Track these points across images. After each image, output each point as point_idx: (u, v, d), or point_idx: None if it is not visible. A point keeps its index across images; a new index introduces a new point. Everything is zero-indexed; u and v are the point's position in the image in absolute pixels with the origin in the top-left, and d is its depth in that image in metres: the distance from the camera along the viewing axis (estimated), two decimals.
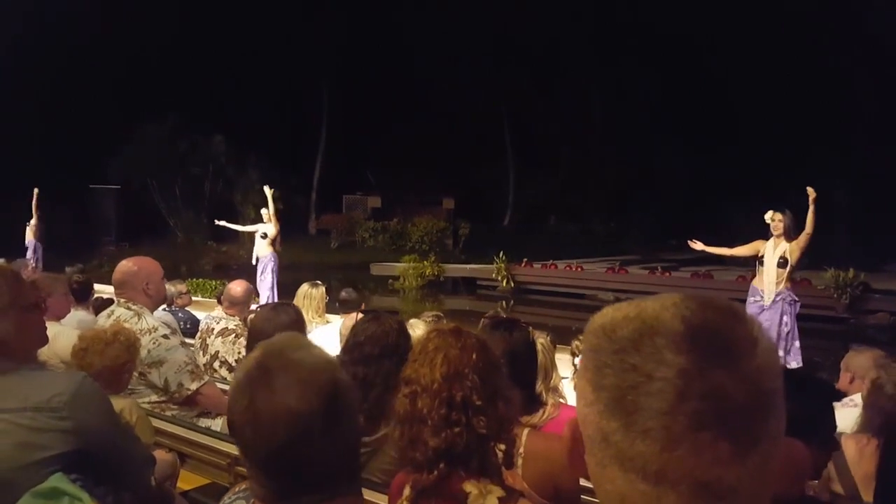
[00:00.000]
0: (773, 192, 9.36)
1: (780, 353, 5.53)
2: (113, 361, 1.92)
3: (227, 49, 17.49)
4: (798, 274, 10.10)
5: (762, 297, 5.82)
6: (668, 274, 12.62)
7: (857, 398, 2.35)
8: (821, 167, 15.10)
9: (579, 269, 13.66)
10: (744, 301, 6.04)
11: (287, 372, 0.87)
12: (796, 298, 5.84)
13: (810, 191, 5.68)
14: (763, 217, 5.83)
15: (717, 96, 17.51)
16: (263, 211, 9.42)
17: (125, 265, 2.51)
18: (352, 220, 19.46)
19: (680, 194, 18.46)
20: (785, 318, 5.69)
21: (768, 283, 5.78)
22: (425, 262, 14.17)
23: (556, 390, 2.46)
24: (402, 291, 13.80)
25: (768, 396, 0.52)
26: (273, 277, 8.99)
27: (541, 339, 2.30)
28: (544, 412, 1.82)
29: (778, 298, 5.72)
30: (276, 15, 18.44)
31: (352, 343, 1.78)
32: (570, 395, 2.87)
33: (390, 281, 14.20)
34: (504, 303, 12.71)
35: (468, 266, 14.92)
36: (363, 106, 19.65)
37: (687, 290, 11.13)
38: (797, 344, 5.79)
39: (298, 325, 2.36)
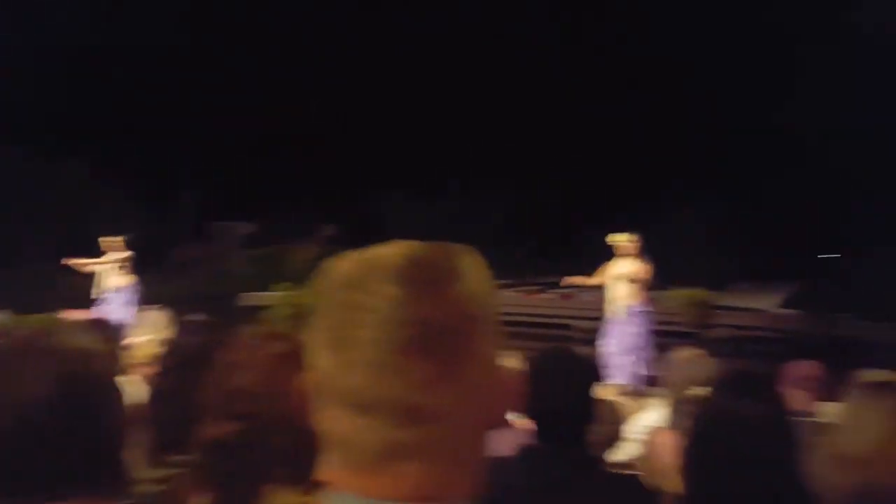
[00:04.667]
0: (630, 217, 9.97)
1: (628, 362, 5.96)
2: None
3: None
4: (651, 293, 10.91)
5: (614, 315, 6.24)
6: (538, 295, 13.12)
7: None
8: (668, 196, 16.45)
9: None
10: (600, 318, 6.45)
11: (25, 358, 0.81)
12: (645, 309, 6.28)
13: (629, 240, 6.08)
14: (614, 239, 6.26)
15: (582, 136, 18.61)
16: (115, 239, 8.83)
17: None
18: (221, 247, 18.65)
19: (555, 223, 19.36)
20: (635, 329, 6.12)
21: (620, 299, 6.20)
22: (302, 292, 13.81)
23: None
24: (273, 322, 13.36)
25: (474, 322, 0.55)
26: (130, 310, 8.43)
27: None
28: None
29: (627, 312, 6.15)
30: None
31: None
32: None
33: (261, 312, 13.70)
34: None
35: None
36: (238, 128, 19.03)
37: (553, 309, 11.76)
38: (649, 354, 6.20)
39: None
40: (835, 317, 9.71)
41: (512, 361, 1.99)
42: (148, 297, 9.58)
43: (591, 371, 1.58)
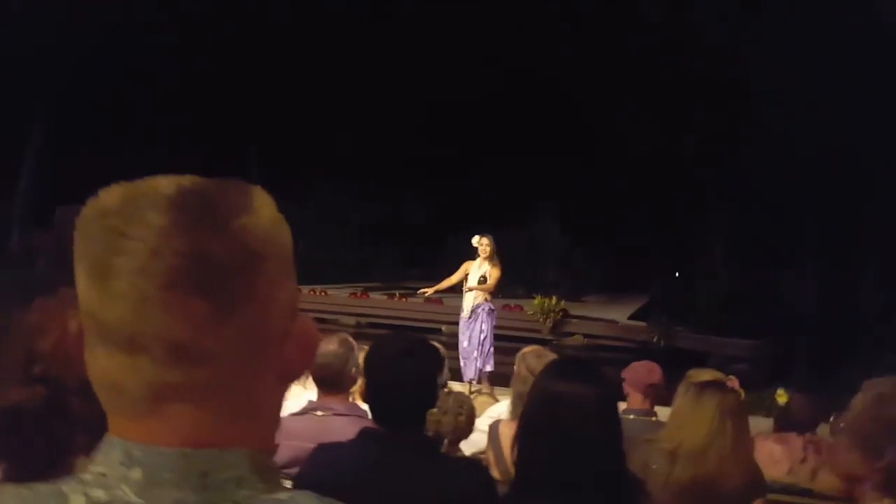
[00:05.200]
0: (493, 223, 10.28)
1: (477, 357, 6.20)
2: None
3: None
4: (512, 301, 11.32)
5: (463, 308, 6.45)
6: (405, 299, 13.18)
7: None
8: (533, 208, 17.23)
9: (324, 294, 13.65)
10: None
11: None
12: (493, 308, 6.54)
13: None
14: (471, 241, 6.44)
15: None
16: None
17: None
18: (68, 235, 17.00)
19: (422, 228, 19.57)
20: (483, 325, 6.40)
21: (467, 298, 6.43)
22: None
23: None
24: None
25: (255, 258, 0.49)
26: None
27: None
28: None
29: (478, 310, 6.37)
30: None
31: None
32: None
33: None
34: None
35: None
36: (93, 103, 17.48)
37: (421, 313, 11.88)
38: (492, 349, 6.44)
39: None
40: (674, 329, 10.56)
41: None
42: None
43: (429, 356, 1.57)
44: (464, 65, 17.72)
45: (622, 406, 2.82)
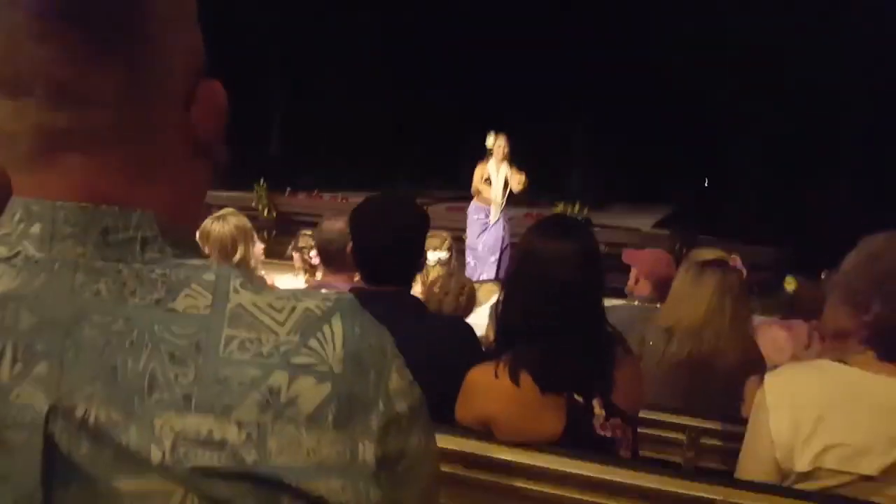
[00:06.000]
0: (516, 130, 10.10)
1: (495, 261, 6.16)
2: None
3: None
4: (535, 209, 11.26)
5: (487, 215, 6.28)
6: (426, 207, 13.16)
7: None
8: (560, 110, 16.77)
9: (345, 201, 13.68)
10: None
11: None
12: (510, 216, 6.43)
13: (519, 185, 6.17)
14: (484, 142, 6.23)
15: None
16: None
17: None
18: None
19: (448, 130, 19.24)
20: (504, 233, 6.25)
21: (496, 202, 6.23)
22: None
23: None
24: None
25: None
26: None
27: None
28: None
29: (501, 217, 6.23)
30: None
31: None
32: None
33: None
34: (265, 233, 12.30)
35: (224, 194, 14.12)
36: None
37: (443, 220, 11.91)
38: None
39: None
40: (696, 236, 10.45)
41: None
42: None
43: (411, 214, 1.56)
44: None
45: (628, 290, 2.83)
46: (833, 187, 13.29)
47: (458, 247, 9.77)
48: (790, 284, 2.70)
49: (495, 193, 6.23)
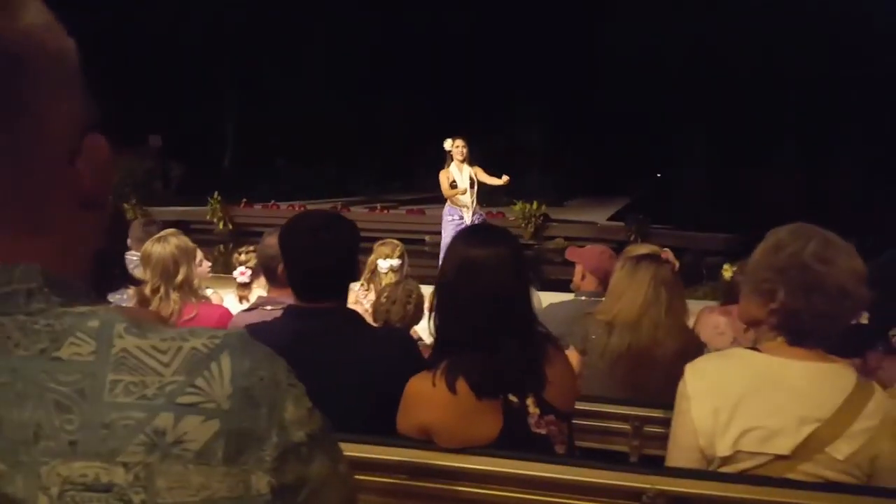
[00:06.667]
0: (474, 132, 10.18)
1: None
2: None
3: None
4: (494, 208, 11.34)
5: (462, 216, 6.33)
6: (386, 211, 13.13)
7: None
8: (521, 115, 16.95)
9: (302, 209, 13.56)
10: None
11: None
12: (483, 215, 6.50)
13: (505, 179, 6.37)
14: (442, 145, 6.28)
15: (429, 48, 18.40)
16: None
17: None
18: None
19: (401, 139, 19.26)
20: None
21: (471, 203, 6.31)
22: (126, 206, 12.86)
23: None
24: None
25: (15, 64, 0.47)
26: None
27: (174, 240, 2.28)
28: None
29: (474, 218, 6.30)
30: None
31: None
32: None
33: None
34: (222, 246, 12.12)
35: (178, 209, 13.88)
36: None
37: (403, 224, 11.91)
38: None
39: None
40: (649, 227, 10.68)
41: None
42: None
43: (342, 228, 1.57)
44: None
45: (575, 286, 2.88)
46: (778, 173, 13.71)
47: (415, 249, 9.77)
48: (727, 272, 2.79)
49: (464, 195, 6.29)
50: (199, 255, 3.24)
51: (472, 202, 6.31)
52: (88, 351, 0.44)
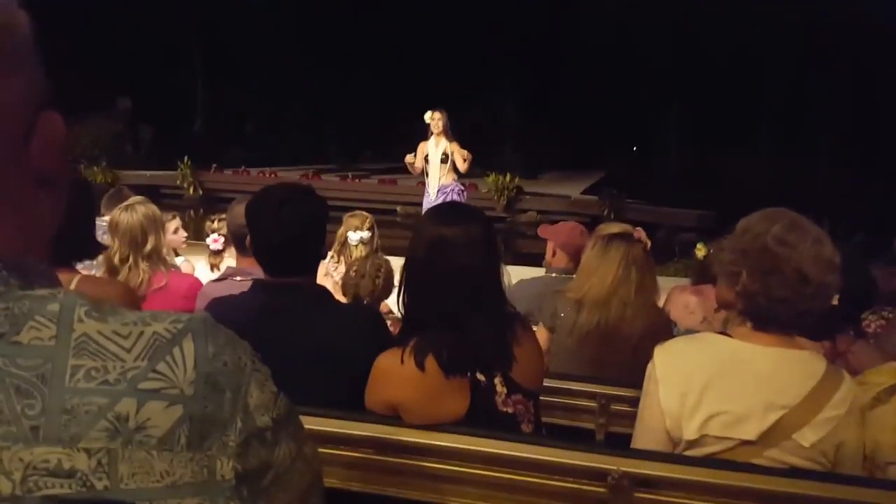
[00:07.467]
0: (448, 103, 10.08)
1: None
2: None
3: None
4: (467, 180, 11.29)
5: (428, 190, 6.26)
6: (357, 180, 13.02)
7: None
8: (495, 87, 16.84)
9: (273, 176, 13.37)
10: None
11: None
12: (463, 188, 6.37)
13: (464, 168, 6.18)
14: (421, 117, 6.19)
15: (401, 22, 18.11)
16: None
17: None
18: None
19: (374, 109, 19.02)
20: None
21: (433, 179, 6.22)
22: (95, 169, 12.56)
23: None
24: None
25: None
26: None
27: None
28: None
29: (447, 189, 6.18)
30: None
31: None
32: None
33: None
34: (192, 211, 11.92)
35: (148, 173, 13.57)
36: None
37: (375, 194, 11.82)
38: None
39: None
40: (624, 202, 10.74)
41: None
42: None
43: (308, 202, 1.54)
44: None
45: (546, 263, 2.88)
46: (753, 152, 13.85)
47: (387, 220, 9.67)
48: (700, 251, 2.81)
49: (432, 169, 6.22)
50: (176, 222, 3.18)
51: (439, 175, 6.21)
52: (49, 335, 0.43)
